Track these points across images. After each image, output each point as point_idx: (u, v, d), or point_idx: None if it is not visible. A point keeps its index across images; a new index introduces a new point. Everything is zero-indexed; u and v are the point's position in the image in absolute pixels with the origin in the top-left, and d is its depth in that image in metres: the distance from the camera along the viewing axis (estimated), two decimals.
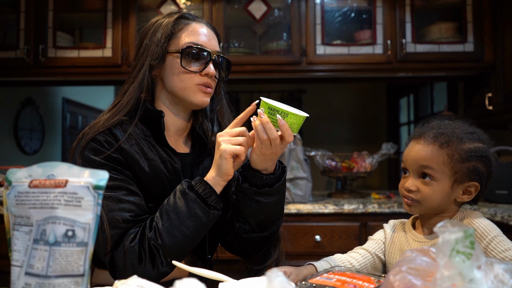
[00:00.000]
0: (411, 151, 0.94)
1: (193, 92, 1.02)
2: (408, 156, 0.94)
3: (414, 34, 2.32)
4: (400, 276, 0.54)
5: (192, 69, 1.01)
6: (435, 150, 0.90)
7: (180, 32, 1.04)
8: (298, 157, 2.22)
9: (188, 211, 0.91)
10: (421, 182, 0.91)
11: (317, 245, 2.04)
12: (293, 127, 0.90)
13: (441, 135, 0.91)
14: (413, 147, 0.94)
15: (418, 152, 0.92)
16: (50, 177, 0.57)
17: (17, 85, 2.96)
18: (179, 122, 1.08)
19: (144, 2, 2.39)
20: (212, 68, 1.02)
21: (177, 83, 1.02)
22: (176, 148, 1.07)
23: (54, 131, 4.28)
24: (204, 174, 1.02)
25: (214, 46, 1.06)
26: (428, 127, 0.96)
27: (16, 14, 2.33)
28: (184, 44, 1.02)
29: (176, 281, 0.54)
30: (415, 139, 0.95)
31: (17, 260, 0.56)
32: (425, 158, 0.90)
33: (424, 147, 0.92)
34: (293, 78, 2.63)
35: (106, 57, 2.32)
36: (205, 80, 1.02)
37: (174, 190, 0.95)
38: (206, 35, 1.05)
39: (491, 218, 1.78)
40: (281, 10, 2.44)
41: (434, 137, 0.91)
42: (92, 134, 0.97)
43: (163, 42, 1.02)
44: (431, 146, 0.91)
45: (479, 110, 2.41)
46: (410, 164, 0.93)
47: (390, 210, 2.06)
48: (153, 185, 1.00)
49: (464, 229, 0.50)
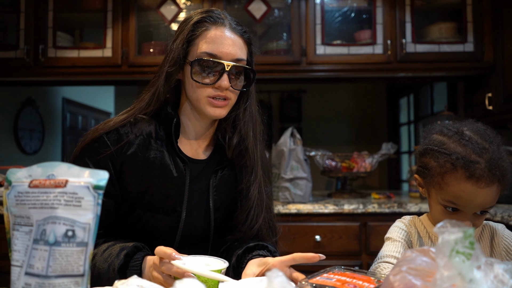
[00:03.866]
0: (476, 197, 0.81)
1: (204, 104, 0.99)
2: (472, 203, 0.82)
3: (414, 34, 2.32)
4: (400, 276, 0.54)
5: (204, 82, 0.97)
6: (498, 188, 0.82)
7: (198, 39, 0.99)
8: (298, 157, 2.22)
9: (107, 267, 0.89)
10: (477, 216, 0.85)
11: (317, 245, 2.04)
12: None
13: (496, 170, 0.81)
14: (476, 192, 0.81)
15: (485, 198, 0.82)
16: (50, 177, 0.57)
17: (17, 85, 2.96)
18: (199, 127, 1.06)
19: (144, 2, 2.39)
20: (225, 80, 0.96)
21: (191, 93, 1.00)
22: (193, 153, 1.06)
23: (54, 131, 4.28)
24: (220, 184, 1.04)
25: (233, 54, 0.98)
26: (475, 153, 0.82)
27: (16, 14, 2.33)
28: (199, 54, 0.98)
29: (176, 281, 0.54)
30: (474, 179, 0.80)
31: (17, 260, 0.56)
32: (492, 201, 0.82)
33: (488, 191, 0.81)
34: (293, 78, 2.63)
35: (106, 57, 2.32)
36: (217, 93, 0.98)
37: (119, 253, 0.89)
38: (224, 42, 0.98)
39: (491, 218, 1.78)
40: (281, 10, 2.44)
41: (493, 175, 0.80)
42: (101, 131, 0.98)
43: (181, 49, 0.98)
44: (494, 186, 0.81)
45: (479, 110, 2.41)
46: (474, 209, 0.83)
47: (390, 210, 2.06)
48: (142, 194, 0.99)
49: (464, 230, 0.50)
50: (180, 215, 1.00)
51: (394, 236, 0.93)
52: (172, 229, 1.00)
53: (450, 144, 0.85)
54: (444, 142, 0.86)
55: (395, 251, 0.90)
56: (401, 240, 0.92)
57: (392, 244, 0.92)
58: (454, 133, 0.87)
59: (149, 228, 0.99)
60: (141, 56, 2.34)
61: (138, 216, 0.99)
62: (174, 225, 1.00)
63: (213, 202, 1.04)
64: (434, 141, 0.88)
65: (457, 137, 0.85)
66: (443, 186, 0.84)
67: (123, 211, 1.00)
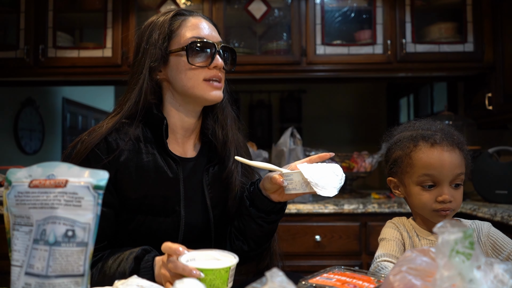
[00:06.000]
0: (444, 160, 0.87)
1: (203, 88, 1.00)
2: (443, 167, 0.87)
3: (414, 34, 2.32)
4: (400, 276, 0.54)
5: (199, 64, 0.99)
6: (460, 154, 0.88)
7: (180, 29, 1.01)
8: (298, 157, 2.22)
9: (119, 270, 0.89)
10: (453, 190, 0.89)
11: (317, 245, 2.04)
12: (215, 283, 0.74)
13: (451, 137, 0.89)
14: (442, 155, 0.88)
15: (452, 160, 0.87)
16: (50, 177, 0.57)
17: (17, 85, 2.96)
18: (188, 123, 1.06)
19: (144, 2, 2.39)
20: (220, 59, 1.01)
21: (185, 82, 1.00)
22: (181, 152, 1.06)
23: (54, 131, 4.28)
24: (214, 180, 1.04)
25: (216, 37, 1.04)
26: (428, 129, 0.93)
27: (16, 14, 2.33)
28: (186, 40, 1.00)
29: (176, 281, 0.54)
30: (437, 145, 0.89)
31: (17, 260, 0.56)
32: (460, 165, 0.87)
33: (452, 154, 0.87)
34: (293, 78, 2.63)
35: (106, 57, 2.32)
36: (213, 73, 1.00)
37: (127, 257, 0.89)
38: (206, 28, 1.03)
39: (491, 218, 1.77)
40: (281, 10, 2.44)
41: (452, 140, 0.88)
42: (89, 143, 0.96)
43: (161, 42, 0.99)
44: (457, 151, 0.88)
45: (479, 110, 2.41)
46: (447, 174, 0.87)
47: (390, 210, 2.06)
48: (143, 199, 0.98)
49: (464, 230, 0.50)
50: (180, 215, 1.01)
51: (387, 236, 0.97)
52: (174, 230, 1.00)
53: (405, 133, 0.96)
54: (400, 136, 0.97)
55: (390, 249, 0.93)
56: (395, 239, 0.95)
57: (387, 243, 0.95)
58: (405, 129, 0.99)
59: (152, 232, 0.99)
60: None
61: (140, 222, 0.98)
62: (175, 225, 1.00)
63: (210, 200, 1.05)
64: (393, 139, 0.98)
65: (409, 128, 0.98)
66: (414, 163, 0.91)
67: (123, 219, 0.99)
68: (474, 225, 0.95)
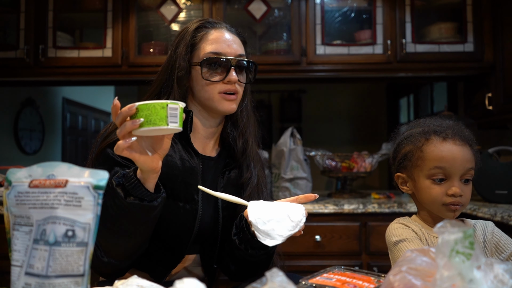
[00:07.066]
0: (456, 153, 0.88)
1: (217, 101, 1.04)
2: (455, 161, 0.88)
3: (414, 34, 2.32)
4: (400, 276, 0.54)
5: (214, 79, 1.03)
6: (471, 150, 0.89)
7: (200, 43, 1.06)
8: (298, 157, 2.23)
9: (108, 203, 0.85)
10: (463, 185, 0.89)
11: (317, 245, 2.04)
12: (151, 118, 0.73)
13: (463, 133, 0.90)
14: (454, 148, 0.88)
15: (463, 154, 0.88)
16: (50, 177, 0.57)
17: (17, 85, 2.96)
18: (208, 127, 1.10)
19: (144, 2, 2.39)
20: (234, 74, 1.03)
21: (203, 93, 1.05)
22: (202, 150, 1.09)
23: (54, 131, 4.28)
24: (228, 184, 1.06)
25: (235, 50, 1.06)
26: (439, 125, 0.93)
27: (16, 14, 2.33)
28: (204, 55, 1.04)
29: (176, 281, 0.54)
30: (449, 139, 0.90)
31: (17, 260, 0.56)
32: (470, 160, 0.88)
33: (464, 148, 0.88)
34: (293, 78, 2.63)
35: (106, 57, 2.32)
36: (228, 87, 1.03)
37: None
38: (226, 41, 1.06)
39: (491, 218, 1.77)
40: (281, 10, 2.44)
41: (463, 136, 0.89)
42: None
43: (185, 54, 1.04)
44: (467, 146, 0.89)
45: (479, 110, 2.41)
46: (458, 168, 0.88)
47: (390, 210, 2.06)
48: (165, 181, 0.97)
49: (464, 230, 0.50)
50: (197, 204, 1.03)
51: (407, 237, 0.91)
52: (191, 219, 1.02)
53: (416, 129, 0.96)
54: (411, 131, 0.97)
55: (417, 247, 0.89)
56: (414, 238, 0.91)
57: (410, 243, 0.90)
58: (415, 126, 0.98)
59: (172, 218, 1.00)
60: (141, 56, 2.34)
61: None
62: (193, 214, 1.02)
63: (221, 201, 1.06)
64: (402, 135, 0.98)
65: (419, 124, 0.97)
66: (425, 156, 0.91)
67: None
68: (479, 224, 0.94)
